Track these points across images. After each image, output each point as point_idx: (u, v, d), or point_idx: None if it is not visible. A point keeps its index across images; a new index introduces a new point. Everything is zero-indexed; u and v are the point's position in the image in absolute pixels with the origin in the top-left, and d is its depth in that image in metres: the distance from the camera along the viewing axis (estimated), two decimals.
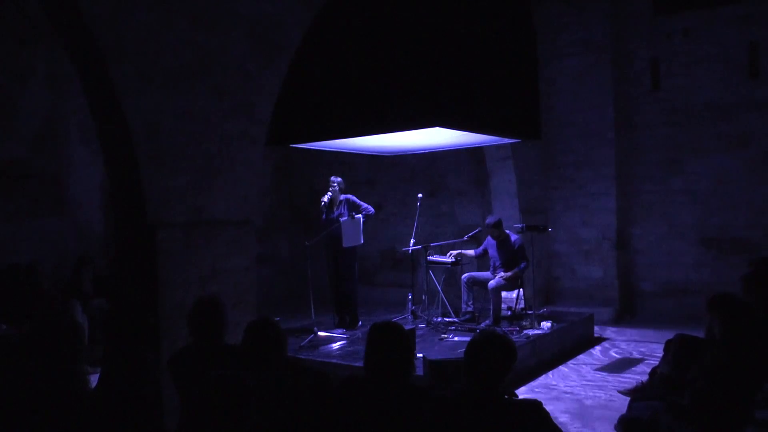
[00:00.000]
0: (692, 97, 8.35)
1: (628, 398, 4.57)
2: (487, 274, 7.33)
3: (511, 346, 2.61)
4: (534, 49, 7.51)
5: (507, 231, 7.33)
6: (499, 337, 2.63)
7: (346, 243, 6.97)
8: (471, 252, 7.62)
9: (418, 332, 6.30)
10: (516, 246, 7.16)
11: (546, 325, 6.82)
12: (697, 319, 5.23)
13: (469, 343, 2.62)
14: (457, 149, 8.57)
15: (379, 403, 2.67)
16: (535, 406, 2.51)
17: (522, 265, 7.09)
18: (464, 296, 7.35)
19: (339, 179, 7.32)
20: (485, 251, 7.48)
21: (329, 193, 7.24)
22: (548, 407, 2.61)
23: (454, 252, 7.51)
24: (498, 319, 6.99)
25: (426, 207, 8.65)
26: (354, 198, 7.33)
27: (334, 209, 7.24)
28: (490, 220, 7.32)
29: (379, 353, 2.77)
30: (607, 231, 8.80)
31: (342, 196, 7.30)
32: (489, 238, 7.44)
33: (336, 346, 6.45)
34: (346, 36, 5.90)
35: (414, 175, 9.82)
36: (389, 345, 2.78)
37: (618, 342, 7.39)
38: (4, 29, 7.20)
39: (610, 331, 7.90)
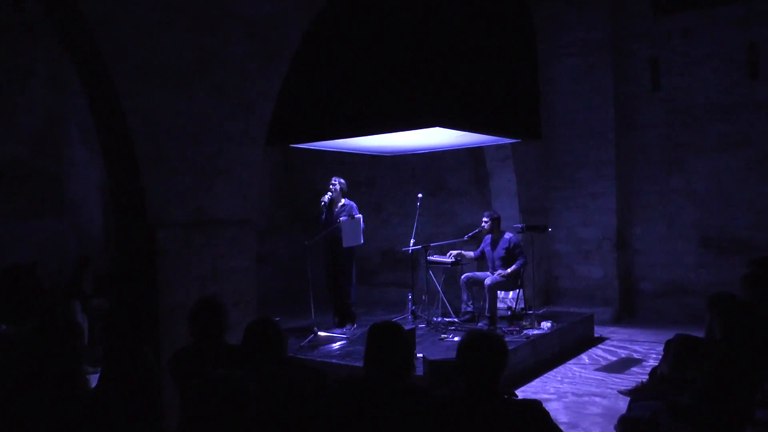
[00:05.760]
0: (692, 97, 8.35)
1: (628, 398, 4.57)
2: (486, 273, 7.32)
3: (500, 344, 2.55)
4: (534, 49, 7.51)
5: (504, 230, 7.34)
6: (487, 336, 2.59)
7: (346, 243, 6.96)
8: (471, 254, 7.61)
9: (418, 332, 6.30)
10: (511, 245, 7.16)
11: (546, 325, 6.81)
12: (697, 319, 5.25)
13: (458, 345, 2.58)
14: (457, 149, 8.57)
15: (379, 403, 2.67)
16: (534, 405, 2.51)
17: (520, 262, 7.08)
18: (464, 296, 7.35)
19: (341, 180, 7.29)
20: (483, 252, 7.48)
21: (329, 193, 7.21)
22: (548, 407, 2.60)
23: (454, 252, 7.51)
24: (494, 317, 6.95)
25: (426, 207, 8.65)
26: (354, 207, 7.22)
27: (334, 210, 7.22)
28: (489, 213, 7.42)
29: (379, 353, 2.77)
30: (607, 231, 8.80)
31: (345, 201, 7.25)
32: (485, 238, 7.44)
33: (336, 346, 6.45)
34: (346, 36, 5.90)
35: (414, 175, 9.82)
36: (389, 345, 2.77)
37: (618, 342, 7.39)
38: (4, 29, 7.20)
39: (610, 331, 7.90)
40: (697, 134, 8.34)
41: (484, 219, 7.35)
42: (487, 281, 6.98)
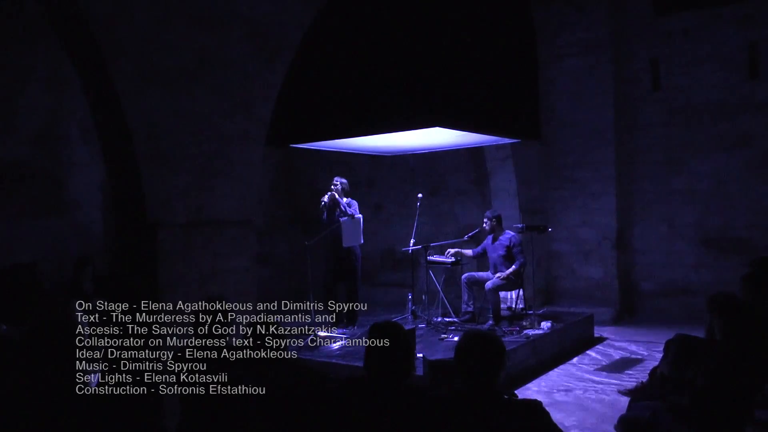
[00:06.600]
0: (692, 97, 8.35)
1: (628, 398, 4.57)
2: (487, 273, 7.32)
3: (497, 344, 2.57)
4: (534, 49, 7.52)
5: (505, 229, 7.34)
6: (484, 336, 2.61)
7: (346, 243, 6.96)
8: (469, 252, 7.60)
9: (418, 332, 6.30)
10: (511, 244, 7.15)
11: (546, 325, 6.81)
12: (697, 319, 5.25)
13: (456, 346, 2.60)
14: (457, 149, 8.57)
15: (379, 403, 2.67)
16: (534, 406, 2.51)
17: (519, 262, 7.08)
18: (464, 296, 7.35)
19: (343, 180, 7.29)
20: (484, 251, 7.48)
21: (330, 193, 7.21)
22: (548, 407, 2.60)
23: (452, 251, 7.49)
24: (498, 318, 6.98)
25: (426, 207, 8.64)
26: (355, 205, 7.23)
27: (336, 210, 7.21)
28: (489, 212, 7.42)
29: (379, 353, 2.77)
30: (607, 231, 8.80)
31: (348, 200, 7.22)
32: (488, 237, 7.44)
33: (336, 346, 6.46)
34: (346, 36, 5.90)
35: (414, 175, 9.82)
36: (389, 345, 2.77)
37: (618, 342, 7.38)
38: (4, 29, 7.19)
39: (610, 331, 7.90)
40: (698, 134, 8.34)
41: (485, 219, 7.36)
42: (488, 285, 6.98)
